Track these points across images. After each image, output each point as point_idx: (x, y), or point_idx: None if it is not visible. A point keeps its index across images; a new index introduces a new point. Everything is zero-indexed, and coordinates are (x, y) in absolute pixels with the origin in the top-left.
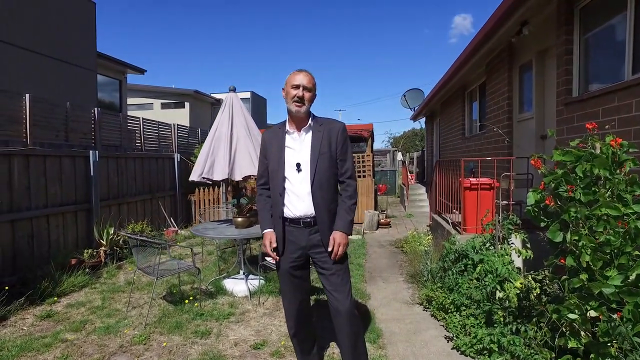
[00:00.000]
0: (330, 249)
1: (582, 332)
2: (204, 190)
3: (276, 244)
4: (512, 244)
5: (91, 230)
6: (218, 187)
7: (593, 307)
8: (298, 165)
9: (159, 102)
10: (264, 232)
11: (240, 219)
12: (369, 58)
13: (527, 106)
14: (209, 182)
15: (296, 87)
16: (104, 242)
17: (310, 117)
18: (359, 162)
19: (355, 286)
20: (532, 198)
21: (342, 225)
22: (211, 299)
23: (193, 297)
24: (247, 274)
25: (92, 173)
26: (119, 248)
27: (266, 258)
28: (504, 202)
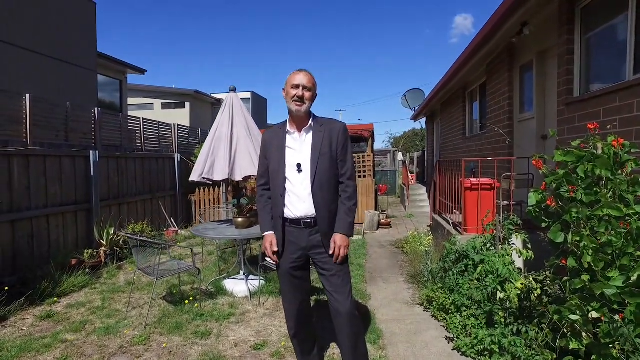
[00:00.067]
0: (332, 252)
1: (583, 334)
2: (204, 191)
3: (277, 247)
4: (513, 244)
5: (91, 230)
6: (218, 187)
7: (595, 308)
8: (299, 165)
9: (159, 102)
10: (264, 234)
11: (240, 220)
12: (369, 58)
13: (527, 106)
14: (209, 182)
15: (296, 87)
16: (104, 242)
17: (311, 118)
18: (359, 162)
19: (355, 286)
20: (533, 198)
21: (342, 228)
22: (211, 299)
23: (193, 298)
24: (247, 275)
25: (93, 173)
26: (119, 248)
27: (266, 258)
28: (505, 203)
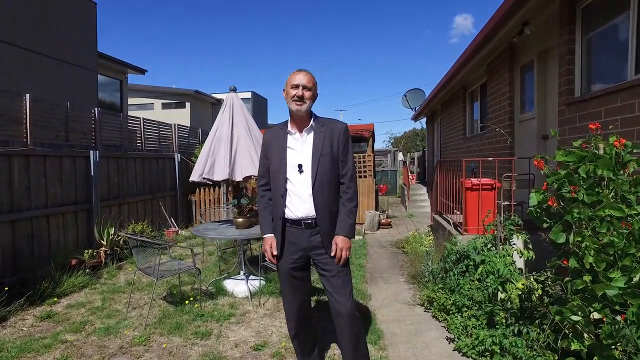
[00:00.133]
0: (333, 254)
1: (585, 334)
2: (205, 191)
3: (276, 250)
4: (514, 244)
5: (91, 230)
6: (219, 188)
7: (596, 309)
8: (300, 166)
9: (159, 102)
10: (264, 236)
11: (240, 220)
12: (369, 58)
13: (528, 106)
14: (210, 182)
15: (295, 87)
16: (105, 243)
17: (312, 118)
18: (360, 162)
19: (356, 287)
20: (534, 199)
21: (343, 230)
22: (211, 299)
23: (193, 298)
24: (247, 275)
25: (93, 173)
26: (119, 248)
27: (267, 259)
28: (506, 203)
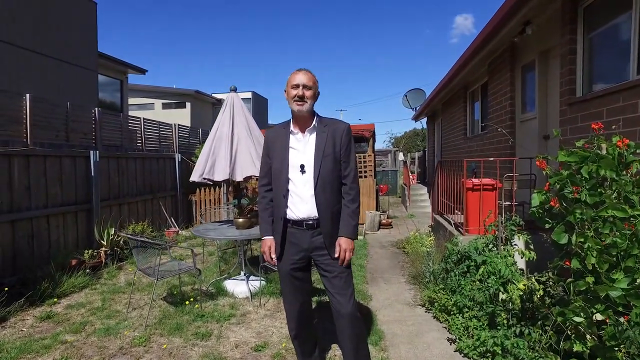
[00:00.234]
0: (337, 255)
1: (587, 336)
2: (205, 191)
3: (275, 252)
4: (515, 245)
5: (92, 230)
6: (219, 188)
7: (599, 310)
8: (302, 166)
9: (160, 102)
10: (263, 238)
11: (241, 220)
12: (369, 58)
13: (529, 106)
14: (210, 183)
15: (296, 87)
16: (105, 243)
17: (315, 118)
18: (360, 162)
19: (356, 287)
20: (536, 199)
21: (346, 231)
22: (212, 300)
23: (194, 299)
24: (248, 275)
25: (93, 173)
26: (119, 248)
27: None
28: (507, 203)
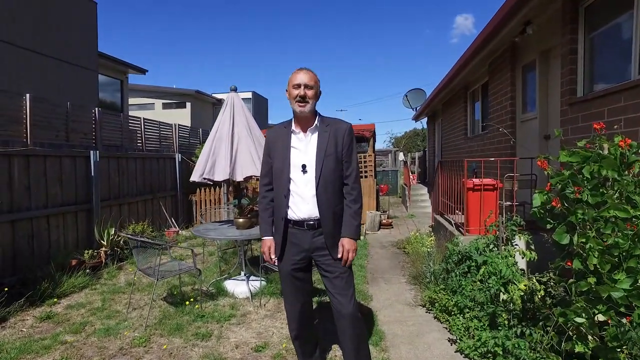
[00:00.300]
0: (340, 256)
1: (589, 337)
2: (205, 191)
3: (275, 253)
4: (516, 245)
5: (92, 230)
6: (219, 188)
7: (601, 311)
8: (304, 166)
9: (160, 102)
10: (263, 238)
11: (241, 220)
12: (369, 58)
13: (530, 106)
14: (210, 183)
15: (297, 87)
16: (105, 243)
17: (317, 117)
18: (360, 162)
19: (357, 287)
20: (538, 199)
21: (349, 232)
22: (212, 300)
23: (194, 299)
24: (248, 275)
25: (93, 173)
26: (119, 249)
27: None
28: (508, 203)
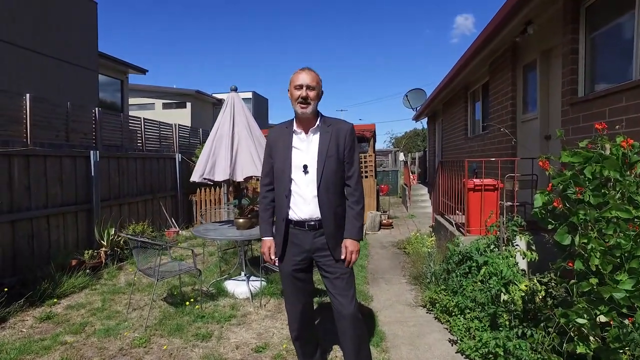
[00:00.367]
0: (343, 257)
1: (591, 338)
2: (206, 191)
3: (275, 254)
4: (517, 245)
5: (92, 230)
6: (219, 188)
7: (603, 312)
8: (305, 167)
9: (160, 102)
10: (263, 238)
11: (241, 220)
12: (369, 58)
13: (531, 106)
14: (210, 183)
15: (299, 88)
16: (105, 243)
17: (319, 118)
18: (361, 162)
19: (357, 288)
20: (539, 200)
21: (352, 233)
22: (212, 300)
23: (194, 299)
24: (248, 276)
25: (93, 173)
26: (119, 249)
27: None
28: (508, 204)
